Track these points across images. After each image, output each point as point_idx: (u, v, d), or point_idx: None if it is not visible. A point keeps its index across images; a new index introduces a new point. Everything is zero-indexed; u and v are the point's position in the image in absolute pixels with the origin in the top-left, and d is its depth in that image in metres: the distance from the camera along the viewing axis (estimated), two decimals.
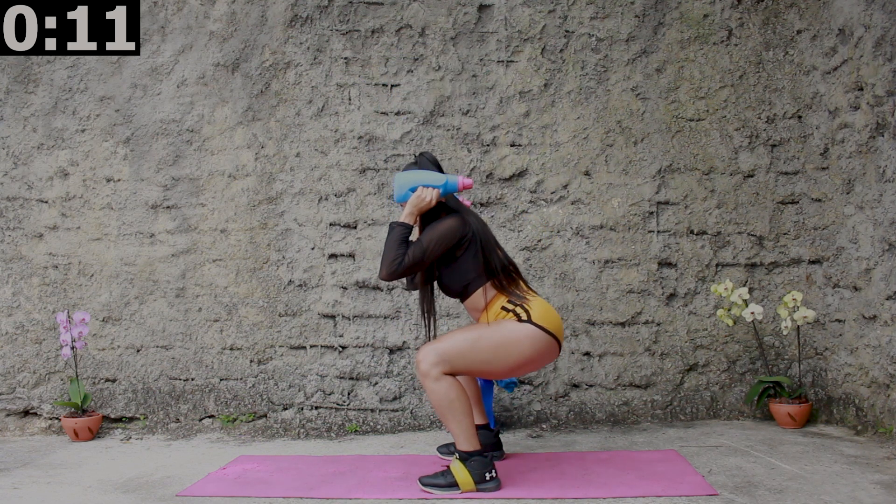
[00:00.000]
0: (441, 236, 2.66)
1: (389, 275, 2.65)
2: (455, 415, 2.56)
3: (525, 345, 2.59)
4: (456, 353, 2.57)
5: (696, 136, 3.81)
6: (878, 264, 3.21)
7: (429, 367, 2.55)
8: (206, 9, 4.00)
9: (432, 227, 2.68)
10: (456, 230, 2.67)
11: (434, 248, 2.65)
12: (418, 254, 2.64)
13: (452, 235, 2.67)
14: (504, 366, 2.62)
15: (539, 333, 2.60)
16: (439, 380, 2.55)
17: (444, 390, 2.55)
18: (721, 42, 3.83)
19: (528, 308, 2.64)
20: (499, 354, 2.59)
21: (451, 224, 2.68)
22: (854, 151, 3.37)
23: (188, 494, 2.69)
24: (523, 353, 2.60)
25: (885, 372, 3.14)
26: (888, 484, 2.52)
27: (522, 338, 2.59)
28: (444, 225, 2.67)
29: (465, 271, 2.71)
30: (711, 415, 3.70)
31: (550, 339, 2.63)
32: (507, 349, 2.59)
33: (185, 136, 3.98)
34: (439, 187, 2.71)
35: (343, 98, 3.92)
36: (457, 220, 2.69)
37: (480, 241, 2.71)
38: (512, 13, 3.87)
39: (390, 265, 2.64)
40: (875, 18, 3.18)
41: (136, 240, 3.97)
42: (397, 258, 2.64)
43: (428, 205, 2.71)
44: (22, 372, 3.96)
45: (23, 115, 4.04)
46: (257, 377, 3.87)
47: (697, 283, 3.77)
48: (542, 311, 2.64)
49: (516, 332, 2.60)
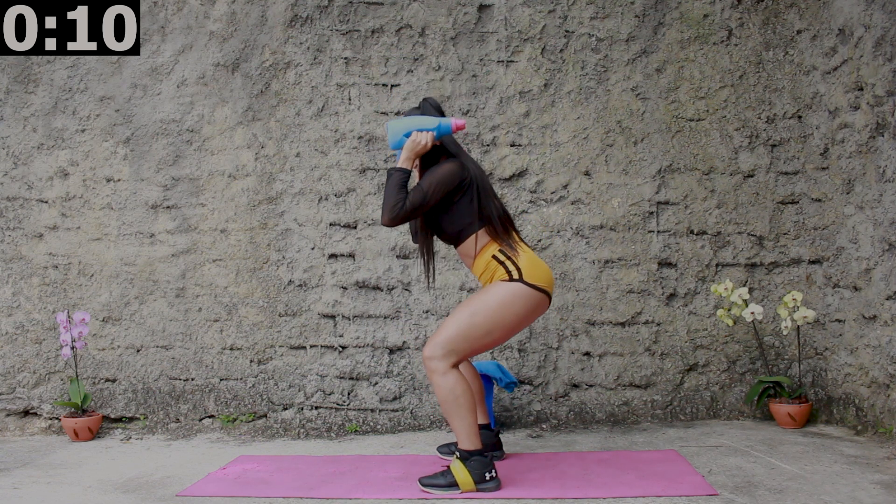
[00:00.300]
0: (441, 180, 2.65)
1: (391, 220, 2.64)
2: (460, 411, 2.57)
3: (518, 305, 2.61)
4: (457, 337, 2.58)
5: (696, 136, 3.81)
6: (878, 264, 3.21)
7: (436, 363, 2.57)
8: (206, 9, 4.00)
9: (432, 172, 2.68)
10: (455, 174, 2.67)
11: (434, 193, 2.64)
12: (418, 198, 2.64)
13: (452, 179, 2.66)
14: (503, 331, 2.64)
15: (529, 291, 2.61)
16: (446, 374, 2.57)
17: (450, 385, 2.56)
18: (721, 42, 3.83)
19: (517, 263, 2.64)
20: (497, 323, 2.60)
21: (450, 168, 2.67)
22: (854, 151, 3.37)
23: (188, 494, 2.69)
24: (518, 313, 2.62)
25: (885, 372, 3.14)
26: (888, 484, 2.52)
27: (515, 299, 2.60)
28: (443, 169, 2.67)
29: (460, 216, 2.71)
30: (711, 415, 3.70)
31: (541, 294, 2.64)
32: (503, 315, 2.60)
33: (185, 136, 3.98)
34: (433, 130, 2.71)
35: (343, 98, 3.92)
36: (456, 164, 2.69)
37: (478, 187, 2.71)
38: (512, 13, 3.88)
39: (391, 210, 2.63)
40: (875, 18, 3.18)
41: (136, 240, 3.97)
42: (398, 203, 2.63)
43: (424, 148, 2.70)
44: (22, 372, 3.96)
45: (23, 115, 4.04)
46: (257, 377, 3.87)
47: (697, 283, 3.77)
48: (531, 266, 2.65)
49: (507, 294, 2.60)
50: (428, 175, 2.68)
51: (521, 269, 2.63)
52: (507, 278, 2.63)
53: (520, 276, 2.62)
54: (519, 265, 2.64)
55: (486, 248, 2.70)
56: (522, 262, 2.65)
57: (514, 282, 2.61)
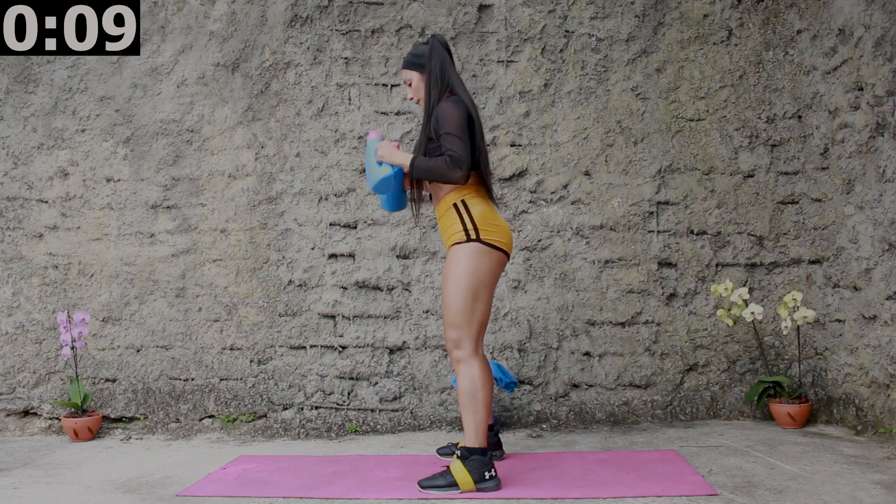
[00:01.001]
0: (454, 115, 2.61)
1: (463, 173, 2.59)
2: (475, 404, 2.60)
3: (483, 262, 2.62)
4: (459, 313, 2.61)
5: (696, 136, 3.81)
6: (878, 264, 3.21)
7: (459, 353, 2.62)
8: (206, 9, 4.00)
9: (442, 118, 2.62)
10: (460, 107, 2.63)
11: (460, 126, 2.60)
12: (456, 142, 2.59)
13: (461, 112, 2.62)
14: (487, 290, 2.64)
15: (487, 250, 2.63)
16: (471, 362, 2.62)
17: (473, 377, 2.60)
18: (721, 42, 3.83)
19: (474, 220, 2.64)
20: (476, 285, 2.61)
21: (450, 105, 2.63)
22: (854, 151, 3.37)
23: (188, 494, 2.69)
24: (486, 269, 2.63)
25: (885, 372, 3.14)
26: (888, 484, 2.52)
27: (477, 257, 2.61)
28: (446, 107, 2.63)
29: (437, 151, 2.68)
30: (711, 415, 3.70)
31: (499, 253, 2.65)
32: (476, 276, 2.61)
33: (185, 136, 3.98)
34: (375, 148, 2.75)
35: (343, 98, 3.92)
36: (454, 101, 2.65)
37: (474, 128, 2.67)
38: (512, 13, 3.87)
39: (451, 166, 2.58)
40: (875, 18, 3.18)
41: (136, 240, 3.97)
42: (454, 155, 2.58)
43: (389, 149, 2.72)
44: (22, 372, 3.96)
45: (23, 115, 4.04)
46: (257, 377, 3.87)
47: (697, 283, 3.77)
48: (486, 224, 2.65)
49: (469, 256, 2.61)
50: (442, 122, 2.62)
51: (479, 230, 2.64)
52: (464, 239, 2.64)
53: (477, 237, 2.63)
54: (476, 222, 2.64)
55: (452, 193, 2.70)
56: (478, 219, 2.64)
57: (470, 242, 2.63)
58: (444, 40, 2.79)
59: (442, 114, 2.63)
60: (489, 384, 2.63)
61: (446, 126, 2.61)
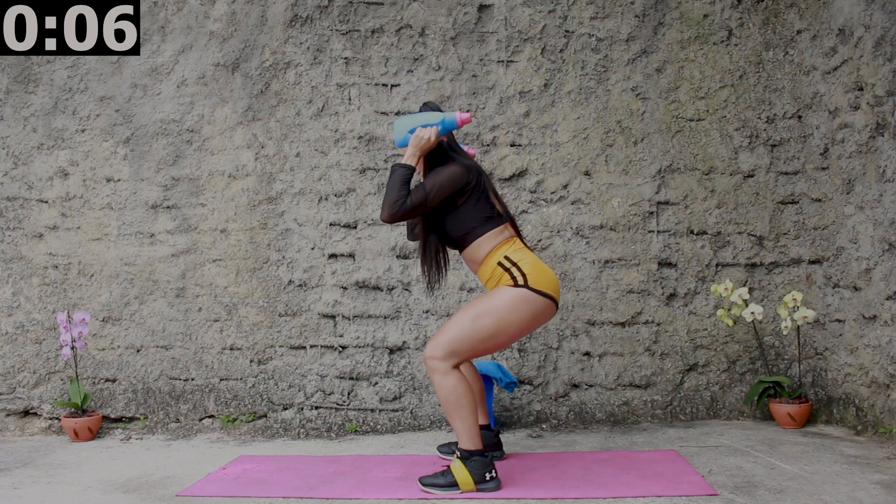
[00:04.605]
0: (444, 182, 2.63)
1: (391, 216, 2.62)
2: (461, 411, 2.56)
3: (524, 311, 2.58)
4: (459, 339, 2.57)
5: (696, 136, 3.81)
6: (878, 264, 3.21)
7: (436, 363, 2.56)
8: (206, 9, 4.00)
9: (436, 172, 2.66)
10: (460, 176, 2.65)
11: (437, 193, 2.63)
12: (420, 197, 2.62)
13: (456, 182, 2.64)
14: (507, 335, 2.61)
15: (535, 297, 2.59)
16: (447, 375, 2.56)
17: (451, 385, 2.55)
18: (721, 42, 3.83)
19: (523, 270, 2.62)
20: (500, 326, 2.58)
21: (454, 170, 2.65)
22: (854, 151, 3.37)
23: (188, 494, 2.69)
24: (523, 319, 2.59)
25: (885, 372, 3.14)
26: (888, 484, 2.52)
27: (520, 304, 2.58)
28: (448, 170, 2.65)
29: (464, 220, 2.69)
30: (711, 415, 3.70)
31: (547, 300, 2.62)
32: (507, 319, 2.58)
33: (185, 136, 3.98)
34: (437, 125, 2.69)
35: (343, 98, 3.92)
36: (461, 166, 2.67)
37: (483, 190, 2.70)
38: (512, 13, 3.87)
39: (392, 206, 2.61)
40: (875, 18, 3.18)
41: (136, 240, 3.97)
42: (399, 199, 2.61)
43: (427, 142, 2.69)
44: (22, 372, 3.96)
45: (23, 115, 4.04)
46: (257, 377, 3.87)
47: (697, 283, 3.77)
48: (536, 271, 2.63)
49: (513, 299, 2.58)
50: (432, 175, 2.67)
51: (527, 276, 2.61)
52: (513, 284, 2.61)
53: (525, 282, 2.60)
54: (524, 271, 2.62)
55: (492, 254, 2.69)
56: (528, 268, 2.63)
57: (519, 287, 2.60)
58: (435, 106, 2.82)
59: (438, 170, 2.67)
60: (469, 388, 2.58)
61: (429, 180, 2.65)
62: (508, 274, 2.63)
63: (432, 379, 2.60)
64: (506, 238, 2.71)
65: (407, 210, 2.62)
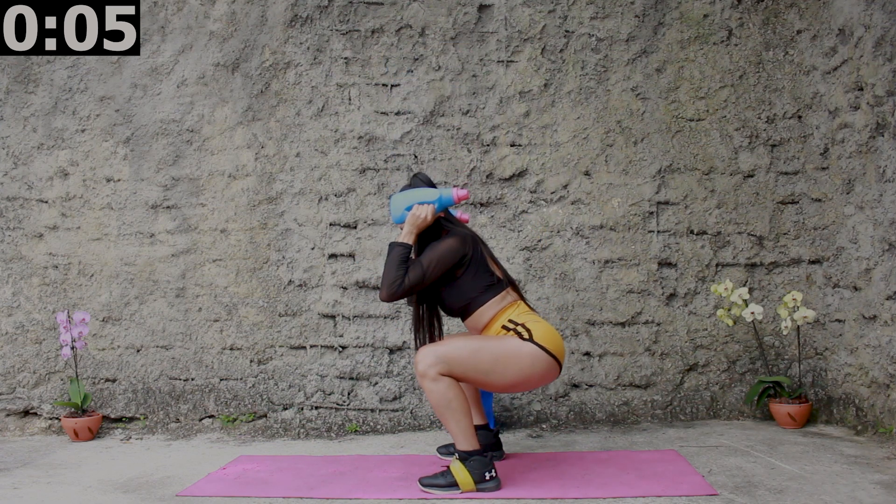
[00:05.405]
0: (441, 256, 2.66)
1: (390, 296, 2.65)
2: (454, 414, 2.56)
3: (525, 362, 2.59)
4: (455, 358, 2.57)
5: (696, 136, 3.81)
6: (878, 264, 3.21)
7: (426, 368, 2.55)
8: (206, 9, 4.00)
9: (432, 248, 2.68)
10: (456, 250, 2.67)
11: (434, 269, 2.65)
12: (418, 274, 2.64)
13: (452, 255, 2.67)
14: (501, 380, 2.61)
15: (540, 353, 2.60)
16: (437, 380, 2.55)
17: (442, 390, 2.55)
18: (721, 42, 3.83)
19: (529, 328, 2.63)
20: (497, 367, 2.58)
21: (450, 244, 2.67)
22: (854, 151, 3.37)
23: (188, 494, 2.69)
24: (522, 369, 2.59)
25: (885, 372, 3.14)
26: (888, 484, 2.52)
27: (524, 355, 2.59)
28: (443, 245, 2.67)
29: (465, 291, 2.71)
30: (711, 415, 3.70)
31: (551, 359, 2.62)
32: (507, 363, 2.58)
33: (185, 136, 3.98)
34: (434, 202, 2.73)
35: (343, 98, 3.92)
36: (456, 239, 2.69)
37: (481, 259, 2.72)
38: (512, 13, 3.87)
39: (390, 287, 2.65)
40: (875, 18, 3.18)
41: (136, 240, 3.97)
42: (397, 279, 2.64)
43: (424, 221, 2.72)
44: (22, 372, 3.96)
45: (23, 115, 4.04)
46: (257, 377, 3.87)
47: (697, 283, 3.77)
48: (543, 331, 2.64)
49: (518, 348, 2.59)
50: (428, 251, 2.68)
51: (532, 332, 2.62)
52: (518, 339, 2.62)
53: (531, 338, 2.61)
54: (530, 329, 2.63)
55: (496, 319, 2.70)
56: (533, 326, 2.64)
57: (525, 341, 2.61)
58: (425, 177, 2.84)
59: (434, 245, 2.68)
60: (460, 391, 2.58)
61: (426, 256, 2.66)
62: (514, 332, 2.64)
63: (421, 384, 2.60)
64: (509, 303, 2.73)
65: (406, 288, 2.64)
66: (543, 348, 2.60)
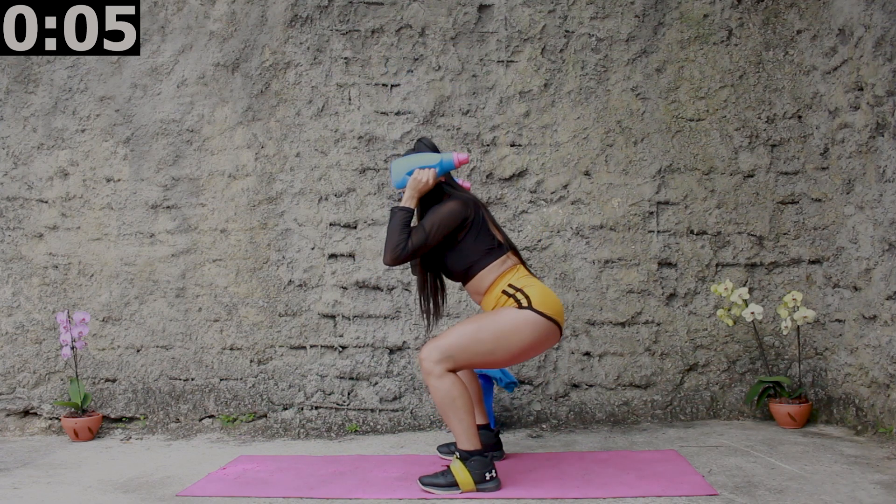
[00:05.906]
0: (443, 220, 2.66)
1: (394, 260, 2.65)
2: (457, 413, 2.57)
3: (526, 332, 2.59)
4: (458, 347, 2.57)
5: (696, 136, 3.81)
6: (878, 264, 3.21)
7: (432, 366, 2.56)
8: (206, 9, 4.00)
9: (434, 211, 2.69)
10: (458, 213, 2.67)
11: (436, 232, 2.66)
12: (420, 238, 2.65)
13: (454, 218, 2.67)
14: (506, 354, 2.62)
15: (539, 319, 2.60)
16: (442, 378, 2.56)
17: (446, 388, 2.55)
18: (721, 42, 3.83)
19: (527, 294, 2.64)
20: (500, 343, 2.59)
21: (452, 207, 2.68)
22: (854, 151, 3.37)
23: (188, 494, 2.69)
24: (524, 339, 2.60)
25: (885, 372, 3.14)
26: (888, 484, 2.52)
27: (522, 325, 2.59)
28: (445, 208, 2.68)
29: (466, 254, 2.71)
30: (711, 415, 3.70)
31: (551, 324, 2.63)
32: (509, 338, 2.59)
33: (185, 136, 3.98)
34: (435, 167, 2.73)
35: (343, 98, 3.92)
36: (458, 202, 2.69)
37: (482, 223, 2.72)
38: (512, 13, 3.87)
39: (394, 251, 2.65)
40: (875, 18, 3.18)
41: (136, 240, 3.97)
42: (400, 243, 2.64)
43: (426, 185, 2.72)
44: (22, 372, 3.96)
45: (23, 115, 4.04)
46: (257, 377, 3.87)
47: (697, 283, 3.77)
48: (541, 295, 2.64)
49: (516, 319, 2.60)
50: (430, 214, 2.69)
51: (531, 298, 2.62)
52: (517, 307, 2.63)
53: (529, 304, 2.61)
54: (529, 295, 2.63)
55: (496, 283, 2.71)
56: (532, 292, 2.64)
57: (523, 309, 2.61)
58: (429, 142, 2.84)
59: (435, 208, 2.69)
60: (465, 389, 2.59)
61: (428, 219, 2.67)
62: (513, 299, 2.65)
63: (426, 381, 2.61)
64: (509, 267, 2.73)
65: (409, 252, 2.65)
66: (542, 314, 2.60)
